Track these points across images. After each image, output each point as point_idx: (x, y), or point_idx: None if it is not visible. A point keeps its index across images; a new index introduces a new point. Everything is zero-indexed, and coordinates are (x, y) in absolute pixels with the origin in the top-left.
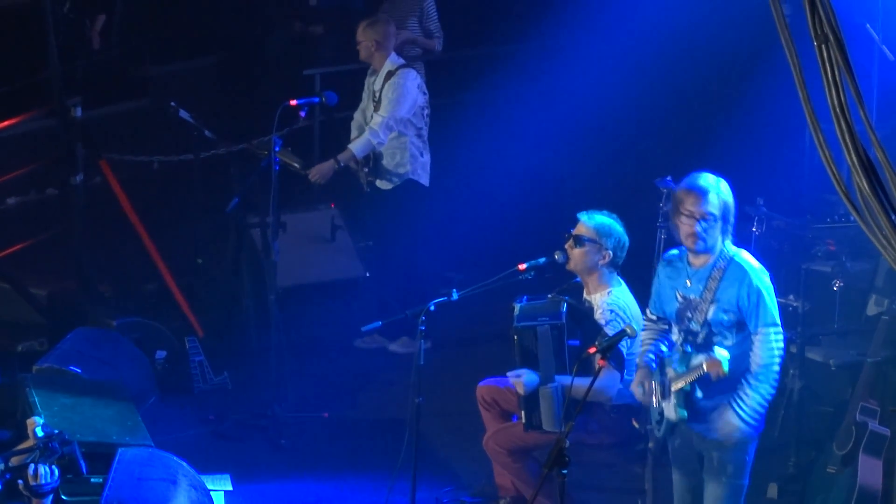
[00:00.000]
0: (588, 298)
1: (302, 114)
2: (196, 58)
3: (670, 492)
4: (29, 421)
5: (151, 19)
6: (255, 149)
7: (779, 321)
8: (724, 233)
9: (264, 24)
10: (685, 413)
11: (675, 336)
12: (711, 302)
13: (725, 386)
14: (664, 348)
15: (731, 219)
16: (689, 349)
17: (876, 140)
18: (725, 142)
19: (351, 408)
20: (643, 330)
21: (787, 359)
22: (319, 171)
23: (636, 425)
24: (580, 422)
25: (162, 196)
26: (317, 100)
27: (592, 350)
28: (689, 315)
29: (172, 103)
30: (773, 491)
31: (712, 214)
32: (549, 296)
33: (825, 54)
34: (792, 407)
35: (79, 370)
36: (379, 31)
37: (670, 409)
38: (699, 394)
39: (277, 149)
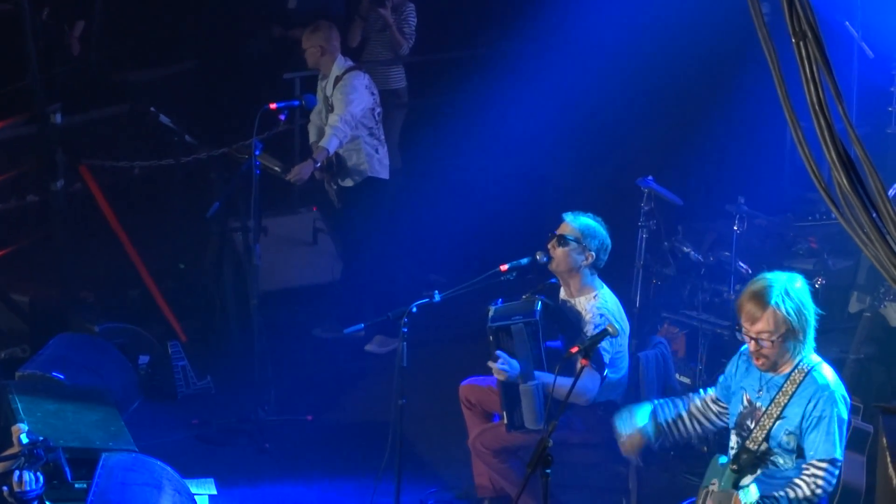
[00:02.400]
0: (569, 300)
1: (282, 117)
2: (176, 63)
3: (654, 491)
4: (14, 428)
5: (130, 25)
6: (235, 153)
7: (839, 456)
8: (799, 342)
9: (243, 29)
10: None
11: (732, 441)
12: (777, 417)
13: None
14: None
15: (806, 325)
16: (738, 463)
17: (855, 137)
18: (706, 140)
19: (334, 410)
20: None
21: None
22: (298, 172)
23: None
24: (564, 421)
25: (143, 201)
26: (297, 103)
27: (574, 350)
28: (750, 424)
29: (152, 108)
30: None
31: (773, 332)
32: (524, 296)
33: (803, 51)
34: None
35: (62, 376)
36: (321, 36)
37: None
38: None
39: (258, 152)
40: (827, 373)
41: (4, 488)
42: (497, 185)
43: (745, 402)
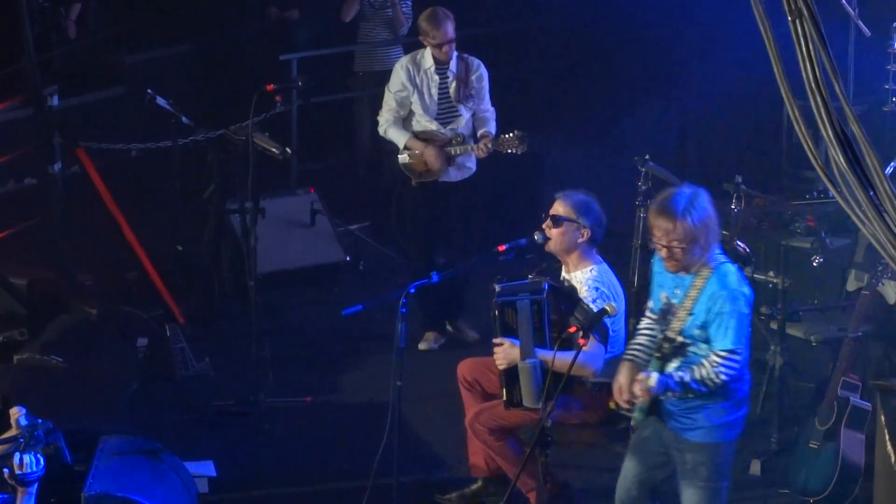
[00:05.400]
0: (567, 277)
1: (279, 99)
2: (172, 45)
3: None
4: (12, 410)
5: (127, 7)
6: (232, 135)
7: (735, 347)
8: (703, 249)
9: (240, 10)
10: (640, 415)
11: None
12: (689, 314)
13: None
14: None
15: (709, 236)
16: (662, 353)
17: (852, 115)
18: (703, 120)
19: (333, 392)
20: (643, 321)
21: (769, 335)
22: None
23: (612, 406)
24: (561, 401)
25: (140, 183)
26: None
27: (573, 329)
28: (669, 319)
29: (149, 90)
30: (755, 467)
31: (681, 241)
32: (529, 276)
33: (799, 29)
34: (773, 383)
35: (60, 359)
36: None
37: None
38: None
39: (255, 134)
40: (729, 273)
41: (6, 470)
42: (493, 165)
43: (664, 300)
